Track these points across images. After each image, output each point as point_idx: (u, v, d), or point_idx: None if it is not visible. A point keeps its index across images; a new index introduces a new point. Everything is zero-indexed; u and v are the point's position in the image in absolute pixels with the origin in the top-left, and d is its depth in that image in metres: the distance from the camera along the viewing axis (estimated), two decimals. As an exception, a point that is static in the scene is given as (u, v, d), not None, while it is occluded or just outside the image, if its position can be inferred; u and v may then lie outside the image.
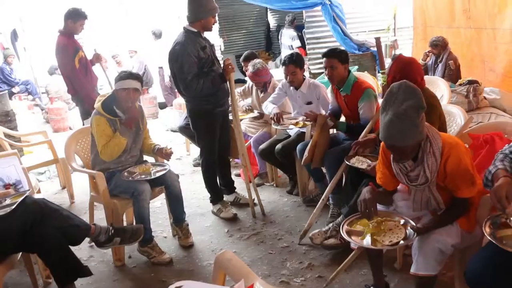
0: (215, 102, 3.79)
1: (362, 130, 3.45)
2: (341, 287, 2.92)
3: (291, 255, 3.34)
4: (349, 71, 3.67)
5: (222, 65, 3.77)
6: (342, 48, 5.53)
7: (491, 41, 6.23)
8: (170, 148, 3.61)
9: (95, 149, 3.42)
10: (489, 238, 1.92)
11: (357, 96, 3.58)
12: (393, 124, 2.12)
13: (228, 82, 3.77)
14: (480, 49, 6.44)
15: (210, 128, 3.86)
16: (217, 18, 3.88)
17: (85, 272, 2.80)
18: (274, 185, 4.74)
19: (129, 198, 3.32)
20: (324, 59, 3.63)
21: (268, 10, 12.35)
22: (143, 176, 3.37)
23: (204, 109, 3.79)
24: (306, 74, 7.26)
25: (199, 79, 3.59)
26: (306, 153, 3.62)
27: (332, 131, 3.99)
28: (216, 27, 8.74)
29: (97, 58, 5.13)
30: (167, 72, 8.56)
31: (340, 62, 3.58)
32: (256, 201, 4.06)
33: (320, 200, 3.46)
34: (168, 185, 3.48)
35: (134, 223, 3.35)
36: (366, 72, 6.18)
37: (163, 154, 3.56)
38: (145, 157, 3.77)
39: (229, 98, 3.90)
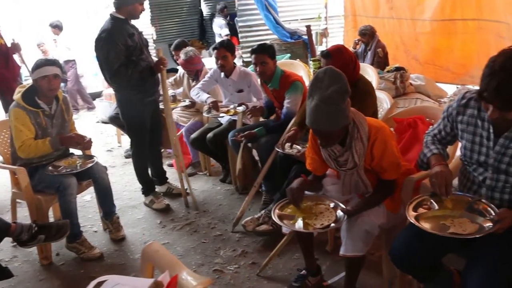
0: (144, 91, 3.69)
1: (283, 127, 3.46)
2: (274, 272, 2.96)
3: (225, 243, 3.34)
4: (276, 66, 3.68)
5: (153, 55, 3.67)
6: (269, 42, 5.57)
7: (412, 31, 6.53)
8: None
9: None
10: (410, 219, 2.00)
11: (285, 89, 3.61)
12: (319, 109, 2.14)
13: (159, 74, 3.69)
14: (403, 38, 6.73)
15: (140, 118, 3.76)
16: (148, 6, 3.78)
17: (5, 274, 2.64)
18: (207, 174, 4.71)
19: (55, 193, 3.17)
20: (254, 55, 3.59)
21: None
22: (68, 170, 3.23)
23: (134, 98, 3.68)
24: (239, 62, 7.29)
25: (127, 69, 3.48)
26: (238, 180, 3.82)
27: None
28: (147, 15, 8.54)
29: (16, 47, 4.84)
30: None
31: (270, 57, 3.58)
32: (188, 190, 4.02)
33: (252, 187, 3.48)
34: (96, 178, 3.36)
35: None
36: (298, 60, 6.24)
37: (79, 140, 3.35)
38: (72, 150, 3.60)
39: (160, 87, 3.81)
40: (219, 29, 9.32)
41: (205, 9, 12.58)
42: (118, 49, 3.43)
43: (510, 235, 1.88)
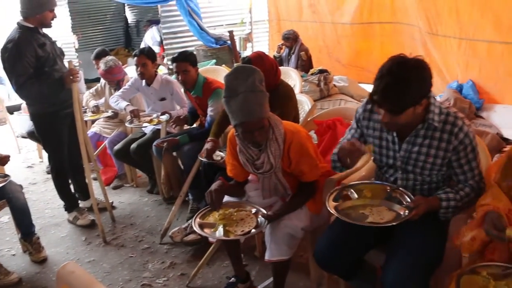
0: (60, 103, 3.49)
1: (207, 135, 3.42)
2: (204, 282, 2.92)
3: (153, 256, 3.26)
4: (198, 73, 3.65)
5: (76, 65, 3.50)
6: (194, 49, 5.49)
7: (334, 34, 6.72)
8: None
9: None
10: (330, 209, 2.04)
11: (208, 97, 3.59)
12: (249, 98, 2.15)
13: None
14: (326, 41, 6.92)
15: (56, 132, 3.57)
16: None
17: None
18: (134, 185, 4.58)
19: (-37, 216, 2.96)
20: (175, 64, 3.55)
21: (125, 5, 11.90)
22: (-22, 191, 3.02)
23: (48, 112, 3.48)
24: (165, 70, 7.17)
25: (38, 81, 3.29)
26: (163, 188, 3.74)
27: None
28: (68, 22, 8.18)
29: None
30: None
31: (191, 65, 3.55)
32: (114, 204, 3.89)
33: (178, 197, 3.42)
34: (9, 198, 3.16)
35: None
36: (224, 65, 6.23)
37: None
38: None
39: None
40: (151, 41, 9.03)
41: (130, 16, 12.27)
42: (25, 61, 3.23)
43: (423, 227, 1.97)
